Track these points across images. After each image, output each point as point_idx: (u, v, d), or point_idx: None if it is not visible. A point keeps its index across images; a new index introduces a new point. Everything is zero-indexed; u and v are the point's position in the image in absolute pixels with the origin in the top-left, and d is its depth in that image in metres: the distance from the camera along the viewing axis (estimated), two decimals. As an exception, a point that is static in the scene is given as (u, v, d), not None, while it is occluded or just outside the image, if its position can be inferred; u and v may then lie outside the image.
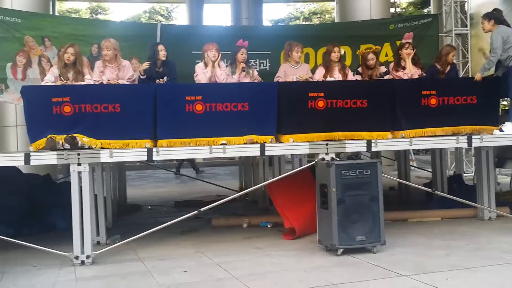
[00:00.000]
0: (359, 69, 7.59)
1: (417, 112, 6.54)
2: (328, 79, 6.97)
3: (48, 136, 5.77)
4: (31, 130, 5.87)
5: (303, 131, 6.23)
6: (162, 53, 7.01)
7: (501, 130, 6.57)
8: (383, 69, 7.56)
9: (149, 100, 6.04)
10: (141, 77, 6.96)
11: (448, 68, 7.46)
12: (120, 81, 6.70)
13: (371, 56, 7.44)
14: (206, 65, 6.84)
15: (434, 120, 6.55)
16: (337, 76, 7.05)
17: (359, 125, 6.38)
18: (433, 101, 6.54)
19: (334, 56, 7.05)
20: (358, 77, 7.44)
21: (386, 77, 7.36)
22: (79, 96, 5.91)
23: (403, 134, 6.42)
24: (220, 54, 6.85)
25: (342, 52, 7.20)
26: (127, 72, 6.86)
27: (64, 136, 5.77)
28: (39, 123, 5.84)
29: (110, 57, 6.66)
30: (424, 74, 7.25)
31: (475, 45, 12.97)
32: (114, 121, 5.92)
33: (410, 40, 7.76)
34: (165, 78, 7.03)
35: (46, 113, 5.80)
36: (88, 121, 5.85)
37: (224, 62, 7.34)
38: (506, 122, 6.66)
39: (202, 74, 6.81)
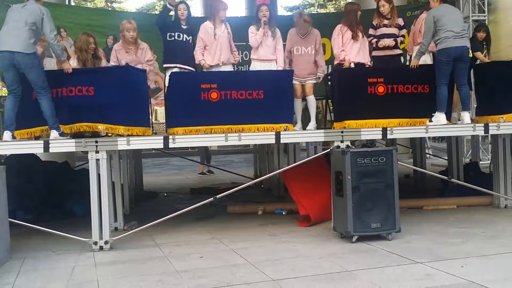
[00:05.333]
0: (373, 22, 7.23)
1: None
2: (353, 44, 6.91)
3: None
4: None
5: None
6: (181, 12, 6.92)
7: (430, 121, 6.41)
8: (401, 21, 7.20)
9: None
10: None
11: None
12: (139, 65, 6.66)
13: (382, 2, 7.05)
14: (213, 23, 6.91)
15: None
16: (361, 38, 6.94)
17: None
18: None
19: (359, 15, 6.97)
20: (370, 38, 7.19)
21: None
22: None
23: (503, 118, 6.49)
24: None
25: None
26: (145, 54, 6.87)
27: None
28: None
29: (135, 38, 6.70)
30: None
31: (494, 31, 12.76)
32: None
33: None
34: (190, 37, 6.98)
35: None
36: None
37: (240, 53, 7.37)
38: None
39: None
